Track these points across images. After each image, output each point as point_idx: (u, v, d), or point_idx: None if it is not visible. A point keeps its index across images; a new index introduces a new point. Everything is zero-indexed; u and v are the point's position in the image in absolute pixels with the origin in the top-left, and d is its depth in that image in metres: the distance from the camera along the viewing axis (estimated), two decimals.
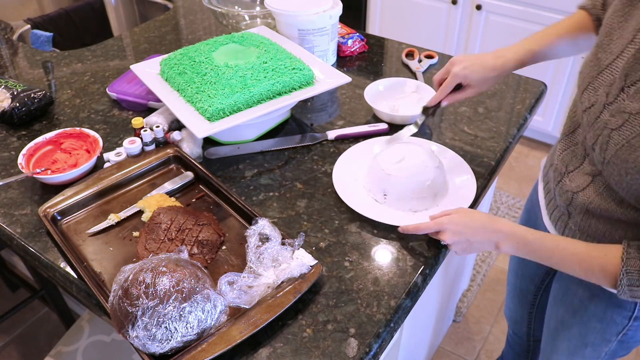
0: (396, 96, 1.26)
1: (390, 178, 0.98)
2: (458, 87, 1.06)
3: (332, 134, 1.17)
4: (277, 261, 0.83)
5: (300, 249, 0.85)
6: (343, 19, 1.46)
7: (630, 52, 0.74)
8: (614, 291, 0.80)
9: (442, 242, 0.89)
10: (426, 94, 1.24)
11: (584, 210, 0.88)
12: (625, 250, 0.77)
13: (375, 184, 1.00)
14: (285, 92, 1.11)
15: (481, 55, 1.04)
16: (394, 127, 1.19)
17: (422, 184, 0.97)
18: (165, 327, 0.71)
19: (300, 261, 0.83)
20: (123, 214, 0.97)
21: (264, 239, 0.86)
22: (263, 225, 0.86)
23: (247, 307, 0.79)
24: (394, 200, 0.98)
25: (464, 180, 1.03)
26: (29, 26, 1.77)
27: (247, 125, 1.10)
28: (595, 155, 0.81)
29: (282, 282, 0.81)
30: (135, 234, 0.94)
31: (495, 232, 0.85)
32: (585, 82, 0.83)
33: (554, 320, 1.10)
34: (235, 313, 0.78)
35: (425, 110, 1.11)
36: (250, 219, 0.92)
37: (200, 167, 1.03)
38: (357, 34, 1.50)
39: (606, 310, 0.96)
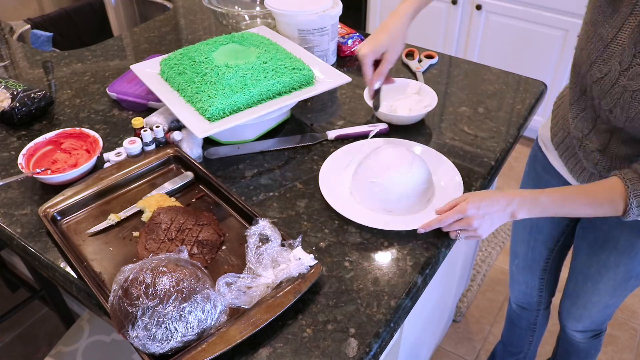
0: (397, 97, 1.26)
1: (382, 189, 0.96)
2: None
3: (332, 134, 1.17)
4: (276, 261, 0.83)
5: (300, 249, 0.85)
6: (343, 19, 1.46)
7: (634, 23, 0.83)
8: (621, 217, 0.89)
9: (468, 229, 0.90)
10: (428, 96, 1.23)
11: (612, 164, 0.98)
12: (623, 179, 0.87)
13: (369, 197, 0.98)
14: (285, 92, 1.11)
15: (378, 30, 1.11)
16: (392, 128, 1.19)
17: (418, 188, 0.97)
18: (165, 327, 0.71)
19: (300, 261, 0.83)
20: (123, 214, 0.97)
21: (264, 239, 0.86)
22: (263, 225, 0.86)
23: (246, 307, 0.79)
24: (393, 208, 0.98)
25: (449, 178, 1.04)
26: (29, 26, 1.77)
27: (247, 125, 1.10)
28: (616, 116, 0.89)
29: (282, 282, 0.81)
30: (135, 234, 0.94)
31: (510, 203, 0.89)
32: (593, 56, 0.91)
33: (595, 266, 1.18)
34: (235, 313, 0.78)
35: (376, 106, 1.15)
36: (250, 219, 0.92)
37: (200, 167, 1.03)
38: (357, 34, 1.50)
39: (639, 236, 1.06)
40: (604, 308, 1.26)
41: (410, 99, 1.24)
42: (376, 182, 0.97)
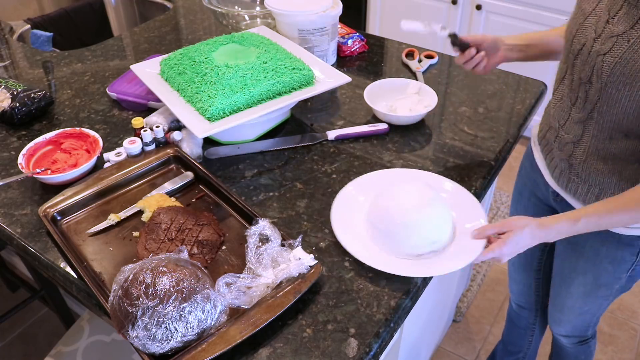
0: (397, 97, 1.26)
1: (409, 229, 0.87)
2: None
3: (332, 134, 1.17)
4: (276, 261, 0.83)
5: (300, 249, 0.85)
6: (343, 19, 1.46)
7: None
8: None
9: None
10: (428, 96, 1.23)
11: (584, 158, 0.99)
12: None
13: (394, 240, 0.89)
14: (285, 92, 1.11)
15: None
16: (392, 128, 1.19)
17: (446, 229, 0.90)
18: (165, 327, 0.71)
19: (300, 261, 0.83)
20: (123, 214, 0.97)
21: (264, 239, 0.86)
22: (263, 226, 0.86)
23: (246, 307, 0.79)
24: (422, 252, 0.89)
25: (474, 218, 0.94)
26: (29, 26, 1.77)
27: (247, 125, 1.10)
28: (593, 87, 0.90)
29: (282, 282, 0.81)
30: (135, 234, 0.94)
31: (544, 238, 0.89)
32: (574, 30, 0.94)
33: (567, 269, 1.18)
34: (235, 313, 0.78)
35: (454, 38, 1.07)
36: (250, 219, 0.92)
37: (200, 167, 1.03)
38: (357, 34, 1.50)
39: (617, 251, 1.06)
40: (580, 314, 1.24)
41: (410, 99, 1.24)
42: (403, 224, 0.88)
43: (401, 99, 1.25)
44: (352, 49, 1.47)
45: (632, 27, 0.83)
